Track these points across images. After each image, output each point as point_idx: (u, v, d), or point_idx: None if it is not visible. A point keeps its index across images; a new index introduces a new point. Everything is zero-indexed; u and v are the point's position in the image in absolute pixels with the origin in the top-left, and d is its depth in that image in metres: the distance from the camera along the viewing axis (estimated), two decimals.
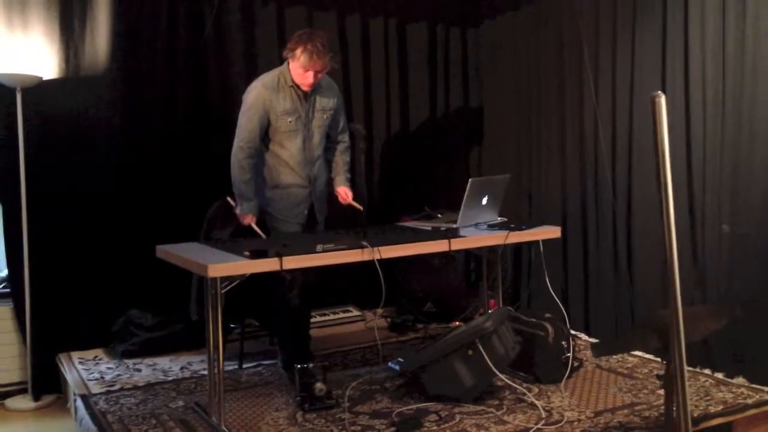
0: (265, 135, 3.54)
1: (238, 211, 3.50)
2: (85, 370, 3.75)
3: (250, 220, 3.49)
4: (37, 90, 3.77)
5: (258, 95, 3.47)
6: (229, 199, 3.52)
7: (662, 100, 1.80)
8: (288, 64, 3.49)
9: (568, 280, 4.48)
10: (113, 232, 4.10)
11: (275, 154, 3.56)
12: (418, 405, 3.14)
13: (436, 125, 5.22)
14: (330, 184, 3.77)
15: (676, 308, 1.84)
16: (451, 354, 3.12)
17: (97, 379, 3.60)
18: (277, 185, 3.57)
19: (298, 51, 3.38)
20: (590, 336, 4.24)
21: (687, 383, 3.28)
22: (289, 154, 3.55)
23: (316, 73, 3.44)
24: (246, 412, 3.14)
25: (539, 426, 2.90)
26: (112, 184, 4.11)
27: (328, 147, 3.75)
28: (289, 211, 3.60)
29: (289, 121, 3.51)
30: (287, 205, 3.60)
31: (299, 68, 3.42)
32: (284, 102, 3.49)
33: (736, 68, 3.40)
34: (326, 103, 3.62)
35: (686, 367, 3.43)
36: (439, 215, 4.13)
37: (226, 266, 2.77)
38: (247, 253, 2.84)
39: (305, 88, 3.50)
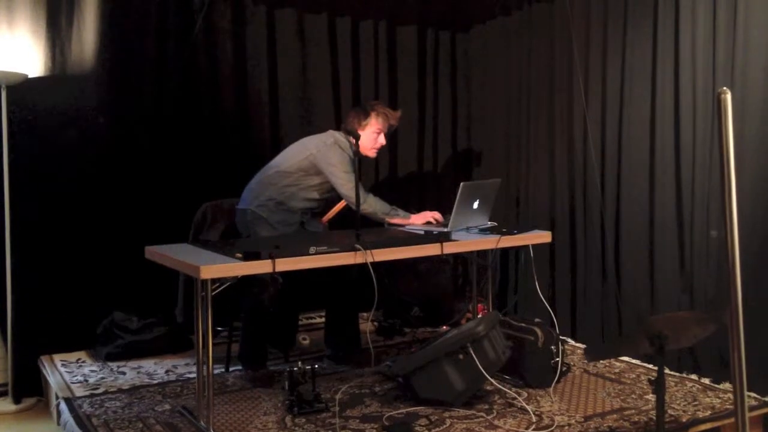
0: (308, 175, 3.65)
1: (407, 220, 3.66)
2: (68, 372, 3.69)
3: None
4: (22, 87, 3.71)
5: (346, 156, 3.63)
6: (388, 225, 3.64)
7: (728, 96, 1.75)
8: (345, 136, 3.66)
9: (555, 285, 4.49)
10: (98, 232, 4.04)
11: (304, 197, 3.68)
12: (408, 409, 3.13)
13: (424, 128, 5.21)
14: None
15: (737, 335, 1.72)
16: (442, 358, 3.10)
17: (80, 382, 3.55)
18: (288, 209, 3.67)
19: (372, 118, 3.68)
20: (577, 341, 4.25)
21: (676, 389, 3.34)
22: (313, 204, 3.74)
23: (384, 135, 3.75)
24: (234, 416, 3.10)
25: (530, 430, 2.90)
26: (97, 184, 4.05)
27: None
28: (286, 226, 3.64)
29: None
30: (286, 219, 3.65)
31: (373, 133, 3.68)
32: None
33: (725, 75, 3.42)
34: None
35: (676, 373, 3.52)
36: None
37: (219, 267, 2.74)
38: (239, 255, 2.81)
39: (372, 155, 3.79)
